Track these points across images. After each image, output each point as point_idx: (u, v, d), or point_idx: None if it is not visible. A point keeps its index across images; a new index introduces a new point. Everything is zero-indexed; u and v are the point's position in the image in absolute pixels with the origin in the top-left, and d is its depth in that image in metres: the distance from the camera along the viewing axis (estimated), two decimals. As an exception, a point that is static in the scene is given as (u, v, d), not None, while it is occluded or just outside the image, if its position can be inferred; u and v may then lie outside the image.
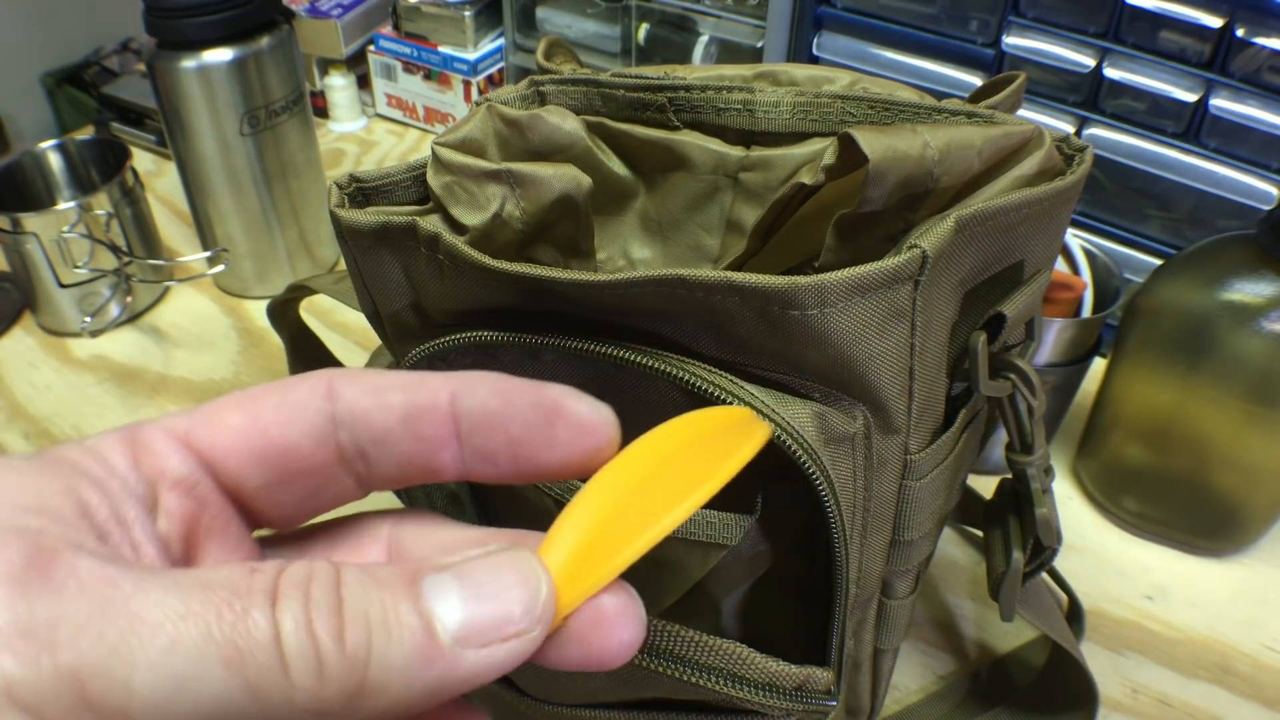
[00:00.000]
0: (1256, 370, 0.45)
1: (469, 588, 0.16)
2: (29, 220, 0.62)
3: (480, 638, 0.15)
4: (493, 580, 0.16)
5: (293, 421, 0.18)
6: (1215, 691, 0.46)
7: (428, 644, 0.15)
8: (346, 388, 0.19)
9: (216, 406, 0.18)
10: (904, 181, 0.29)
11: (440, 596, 0.15)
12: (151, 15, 0.60)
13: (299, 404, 0.18)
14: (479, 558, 0.16)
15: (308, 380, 0.19)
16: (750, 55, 0.75)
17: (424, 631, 0.15)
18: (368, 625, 0.14)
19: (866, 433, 0.29)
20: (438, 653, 0.15)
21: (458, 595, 0.15)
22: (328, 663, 0.14)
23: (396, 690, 0.15)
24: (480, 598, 0.16)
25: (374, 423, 0.18)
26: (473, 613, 0.15)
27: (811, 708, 0.28)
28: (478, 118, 0.35)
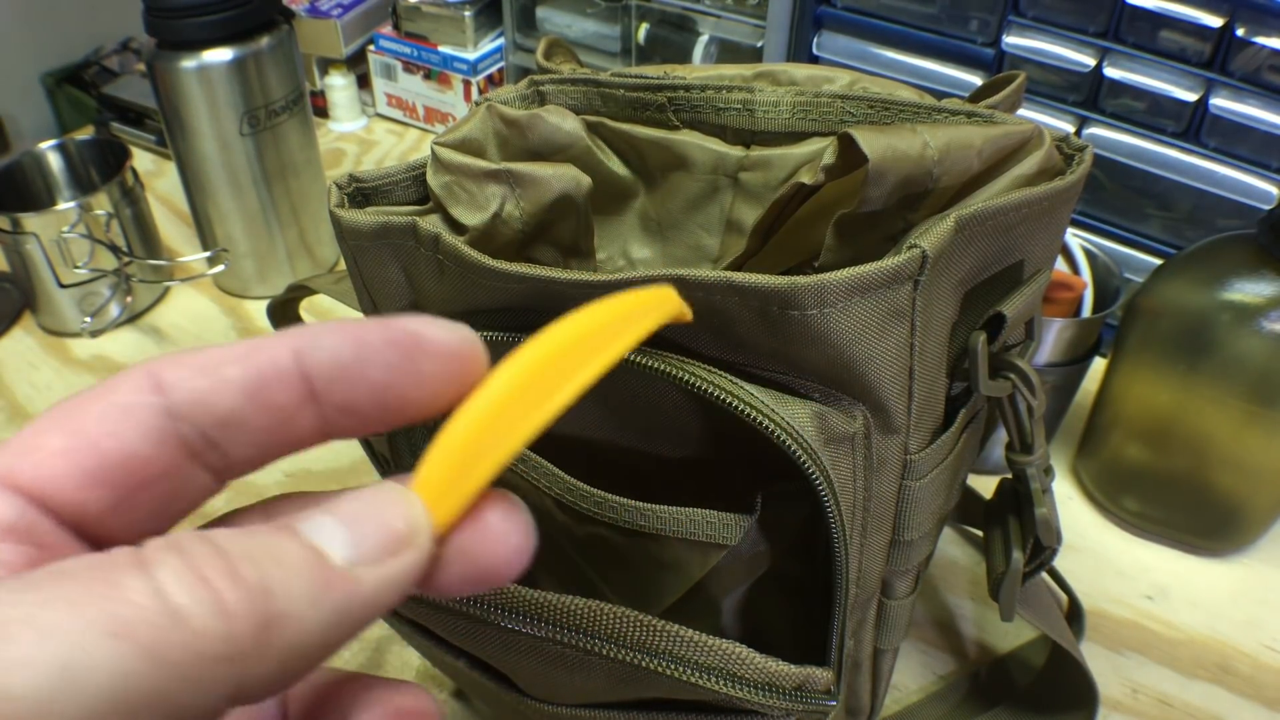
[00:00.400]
0: (1256, 370, 0.45)
1: (344, 518, 0.15)
2: (29, 220, 0.62)
3: (371, 555, 0.15)
4: (364, 507, 0.16)
5: (123, 428, 0.16)
6: (1215, 691, 0.46)
7: (323, 568, 0.14)
8: (173, 373, 0.17)
9: (33, 431, 0.17)
10: (904, 181, 0.29)
11: (321, 529, 0.15)
12: (151, 15, 0.60)
13: (125, 406, 0.17)
14: (345, 495, 0.16)
15: (126, 378, 0.17)
16: (750, 55, 0.75)
17: (315, 558, 0.14)
18: (257, 562, 0.14)
19: (866, 433, 0.29)
20: (336, 575, 0.15)
21: (335, 525, 0.15)
22: (226, 598, 0.13)
23: (305, 619, 0.14)
24: (358, 521, 0.15)
25: (214, 405, 0.17)
26: (356, 534, 0.15)
27: (811, 708, 0.28)
28: (477, 118, 0.35)
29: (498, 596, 0.28)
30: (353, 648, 0.48)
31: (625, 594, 0.33)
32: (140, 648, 0.13)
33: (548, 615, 0.27)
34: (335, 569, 0.15)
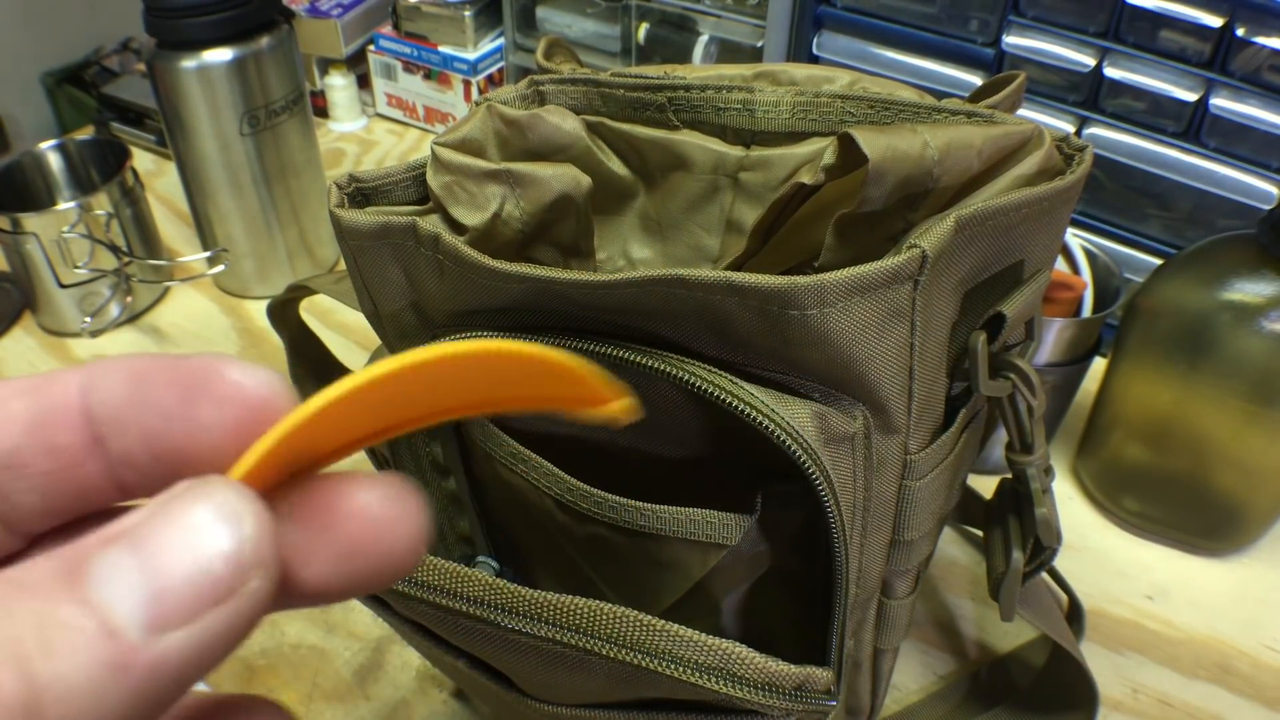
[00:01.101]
0: (1256, 370, 0.45)
1: (145, 554, 0.12)
2: (29, 220, 0.62)
3: (179, 614, 0.12)
4: (173, 534, 0.12)
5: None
6: (1216, 691, 0.46)
7: (111, 648, 0.11)
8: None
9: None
10: (904, 181, 0.29)
11: (112, 579, 0.12)
12: (151, 15, 0.60)
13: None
14: (154, 509, 0.12)
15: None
16: (750, 55, 0.75)
17: (101, 633, 0.11)
18: (17, 653, 0.11)
19: (866, 433, 0.29)
20: (130, 653, 0.11)
21: (134, 570, 0.12)
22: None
23: (92, 714, 0.11)
24: (162, 563, 0.12)
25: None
26: (157, 586, 0.12)
27: (811, 708, 0.28)
28: (477, 118, 0.35)
29: (498, 596, 0.28)
30: (353, 647, 0.48)
31: (625, 594, 0.33)
32: None
33: (548, 615, 0.27)
34: (127, 643, 0.11)
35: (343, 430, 0.14)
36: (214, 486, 0.13)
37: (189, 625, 0.12)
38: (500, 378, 0.15)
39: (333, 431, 0.14)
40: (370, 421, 0.14)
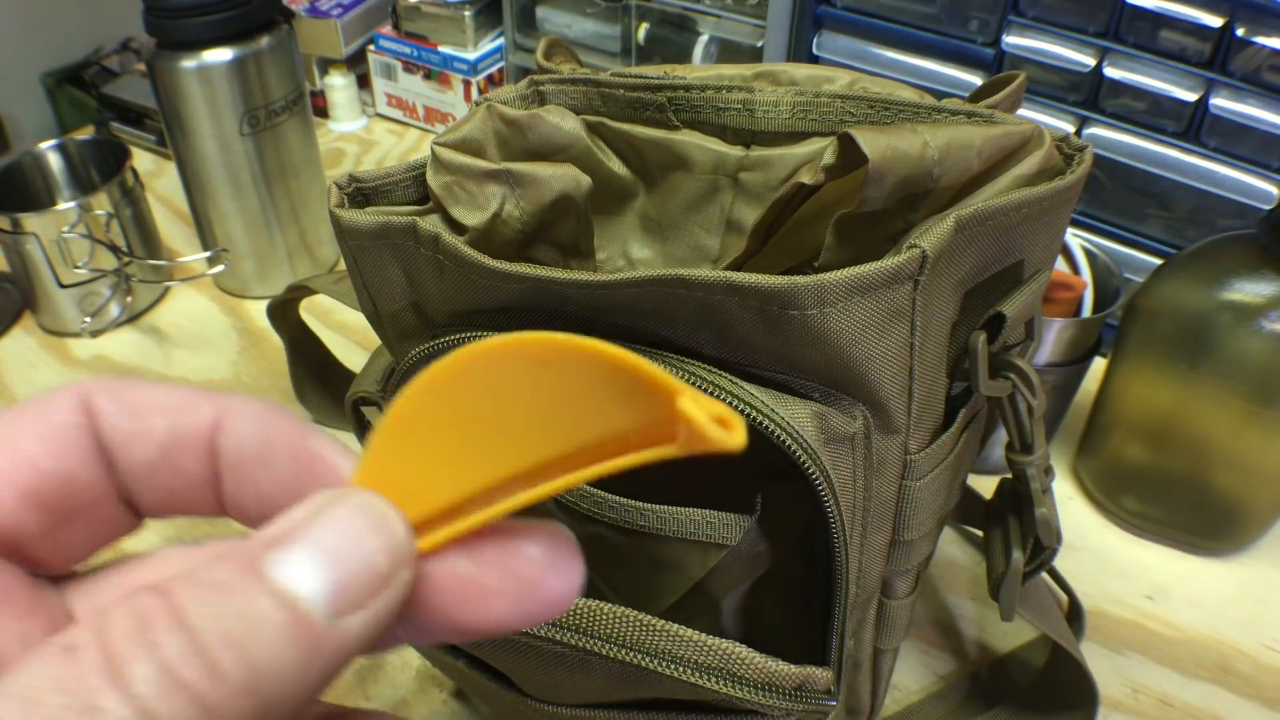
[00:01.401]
0: (1256, 370, 0.45)
1: (319, 551, 0.14)
2: (29, 220, 0.62)
3: (353, 601, 0.14)
4: (342, 533, 0.14)
5: (62, 448, 0.16)
6: (1216, 691, 0.46)
7: (305, 631, 0.13)
8: (105, 404, 0.16)
9: None
10: (904, 181, 0.29)
11: (294, 572, 0.13)
12: (151, 15, 0.60)
13: (62, 426, 0.16)
14: (316, 514, 0.14)
15: (59, 396, 0.16)
16: (750, 55, 0.75)
17: (295, 621, 0.13)
18: (233, 642, 0.12)
19: (866, 433, 0.29)
20: (318, 635, 0.13)
21: (311, 564, 0.14)
22: (213, 704, 0.12)
23: (294, 691, 0.13)
24: (336, 557, 0.14)
25: (133, 452, 0.16)
26: (335, 576, 0.14)
27: (811, 707, 0.28)
28: (477, 118, 0.35)
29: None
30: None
31: (625, 594, 0.33)
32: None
33: (548, 615, 0.27)
34: (316, 627, 0.13)
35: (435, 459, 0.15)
36: (364, 495, 0.15)
37: (362, 610, 0.14)
38: (572, 393, 0.15)
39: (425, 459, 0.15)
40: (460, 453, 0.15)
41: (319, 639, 0.13)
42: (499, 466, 0.15)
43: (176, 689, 0.12)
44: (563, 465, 0.14)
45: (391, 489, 0.15)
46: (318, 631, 0.13)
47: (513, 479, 0.15)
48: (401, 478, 0.15)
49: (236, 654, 0.12)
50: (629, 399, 0.14)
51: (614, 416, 0.14)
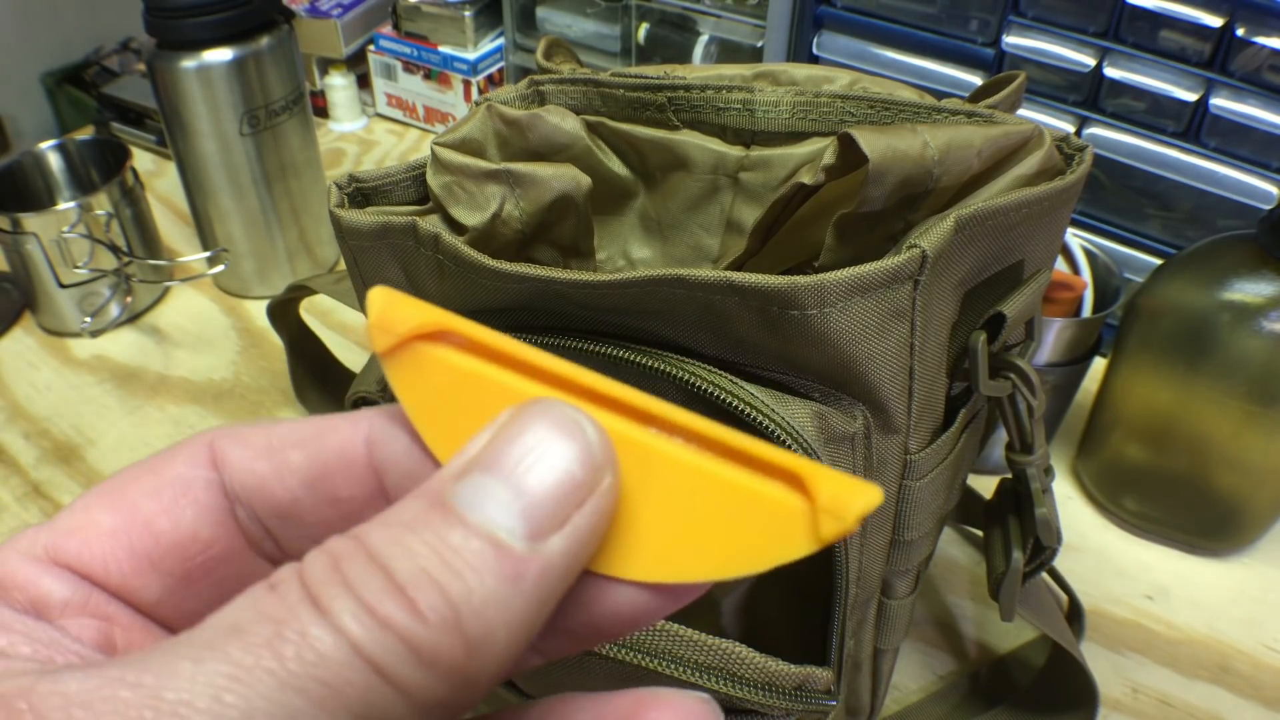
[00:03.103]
0: (1256, 370, 0.45)
1: (507, 471, 0.13)
2: (29, 220, 0.62)
3: (554, 519, 0.12)
4: (529, 450, 0.13)
5: (180, 505, 0.15)
6: (1215, 691, 0.46)
7: (504, 560, 0.12)
8: (232, 450, 0.15)
9: (81, 507, 0.15)
10: (904, 181, 0.29)
11: (483, 501, 0.12)
12: (151, 15, 0.60)
13: (181, 482, 0.15)
14: (499, 434, 0.13)
15: (185, 449, 0.15)
16: (750, 55, 0.75)
17: (492, 550, 0.12)
18: (432, 579, 0.12)
19: (866, 432, 0.29)
20: (521, 563, 0.12)
21: (502, 489, 0.12)
22: (420, 642, 0.11)
23: (505, 628, 0.12)
24: (528, 476, 0.13)
25: (274, 493, 0.15)
26: (530, 497, 0.12)
27: (811, 707, 0.28)
28: (477, 118, 0.35)
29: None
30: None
31: (625, 594, 0.33)
32: (351, 715, 0.11)
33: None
34: (518, 554, 0.12)
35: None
36: (548, 404, 0.13)
37: (563, 529, 0.13)
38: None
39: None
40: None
41: (520, 566, 0.12)
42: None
43: (381, 627, 0.11)
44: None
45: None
46: (518, 558, 0.12)
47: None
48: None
49: (434, 591, 0.12)
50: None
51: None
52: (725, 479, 0.14)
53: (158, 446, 0.59)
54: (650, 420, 0.14)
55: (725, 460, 0.14)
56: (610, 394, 0.14)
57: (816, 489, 0.13)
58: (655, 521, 0.14)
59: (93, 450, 0.59)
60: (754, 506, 0.13)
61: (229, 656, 0.11)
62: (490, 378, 0.14)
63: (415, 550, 0.12)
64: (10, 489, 0.56)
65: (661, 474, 0.14)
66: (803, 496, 0.13)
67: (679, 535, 0.14)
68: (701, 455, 0.14)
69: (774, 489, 0.13)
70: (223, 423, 0.60)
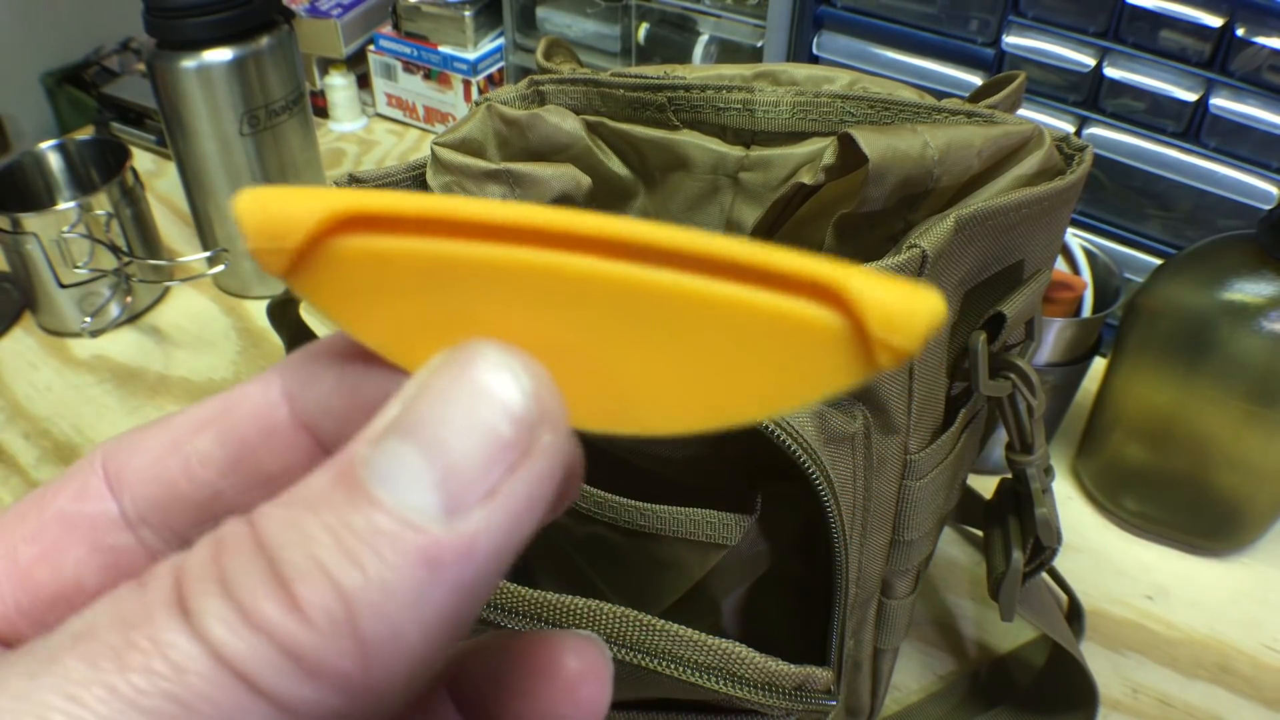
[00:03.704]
0: (1256, 370, 0.45)
1: (421, 436, 0.10)
2: (29, 220, 0.62)
3: (476, 488, 0.10)
4: (445, 406, 0.11)
5: (60, 550, 0.13)
6: (1215, 691, 0.46)
7: (415, 544, 0.10)
8: (129, 462, 0.13)
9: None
10: (904, 181, 0.29)
11: (394, 472, 0.10)
12: (151, 15, 0.60)
13: (62, 520, 0.13)
14: (416, 389, 0.11)
15: (72, 477, 0.13)
16: (750, 55, 0.75)
17: (401, 531, 0.10)
18: (323, 570, 0.10)
19: (866, 432, 0.29)
20: (435, 545, 0.10)
21: (415, 455, 0.10)
22: (302, 649, 0.10)
23: (419, 627, 0.10)
24: (442, 439, 0.10)
25: (187, 494, 0.13)
26: (446, 464, 0.10)
27: (811, 707, 0.28)
28: (477, 117, 0.35)
29: (498, 596, 0.28)
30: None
31: (625, 594, 0.33)
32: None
33: (548, 615, 0.27)
34: (434, 534, 0.10)
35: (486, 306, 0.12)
36: (476, 349, 0.11)
37: (489, 500, 0.10)
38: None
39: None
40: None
41: (435, 549, 0.10)
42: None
43: (252, 630, 0.10)
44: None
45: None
46: (433, 540, 0.10)
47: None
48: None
49: (323, 584, 0.10)
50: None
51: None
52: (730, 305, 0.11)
53: (158, 446, 0.59)
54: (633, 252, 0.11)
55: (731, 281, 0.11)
56: (577, 231, 0.11)
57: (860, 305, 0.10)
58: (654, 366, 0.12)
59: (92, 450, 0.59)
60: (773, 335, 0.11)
61: (66, 670, 0.09)
62: (436, 255, 0.11)
63: (310, 534, 0.10)
64: (10, 489, 0.56)
65: (653, 312, 0.11)
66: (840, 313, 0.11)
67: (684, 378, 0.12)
68: (699, 280, 0.11)
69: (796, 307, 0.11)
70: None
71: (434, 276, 0.12)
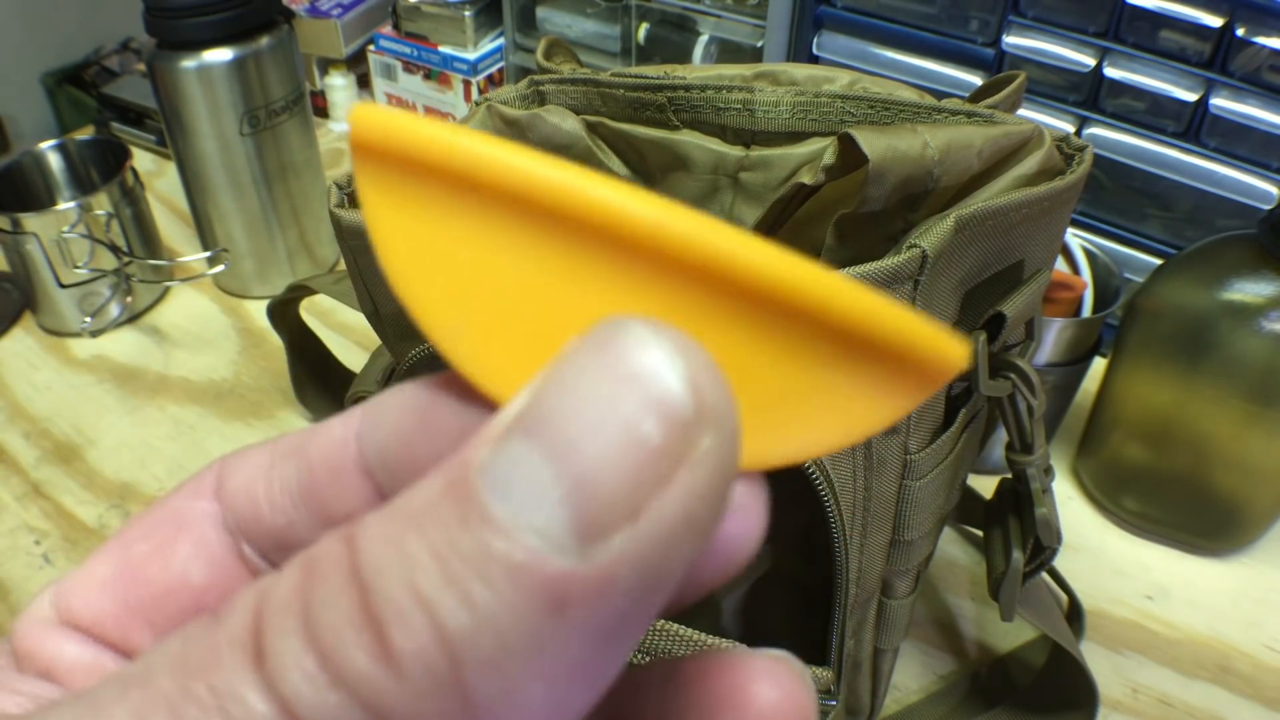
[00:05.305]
0: (1256, 370, 0.45)
1: (551, 438, 0.08)
2: (29, 220, 0.62)
3: (618, 509, 0.08)
4: (581, 398, 0.08)
5: (170, 547, 0.12)
6: (1215, 691, 0.46)
7: (540, 575, 0.08)
8: (236, 472, 0.13)
9: (94, 555, 0.13)
10: (904, 181, 0.29)
11: (516, 483, 0.08)
12: (151, 15, 0.60)
13: (175, 518, 0.12)
14: (546, 381, 0.09)
15: (194, 477, 0.13)
16: (750, 55, 0.75)
17: (519, 559, 0.08)
18: (424, 605, 0.08)
19: (866, 432, 0.29)
20: (561, 581, 0.08)
21: (543, 464, 0.08)
22: (393, 708, 0.08)
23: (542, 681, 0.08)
24: (575, 440, 0.08)
25: (267, 520, 0.12)
26: (579, 474, 0.08)
27: (811, 708, 0.28)
28: (477, 118, 0.35)
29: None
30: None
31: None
32: None
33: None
34: (563, 570, 0.08)
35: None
36: (620, 323, 0.09)
37: (632, 522, 0.08)
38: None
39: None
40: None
41: (562, 584, 0.08)
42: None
43: (333, 682, 0.08)
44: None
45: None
46: (560, 572, 0.08)
47: None
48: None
49: (422, 625, 0.08)
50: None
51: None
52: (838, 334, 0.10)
53: (158, 446, 0.59)
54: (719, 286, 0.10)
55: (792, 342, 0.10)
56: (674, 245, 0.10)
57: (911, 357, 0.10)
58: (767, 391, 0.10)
59: (93, 450, 0.59)
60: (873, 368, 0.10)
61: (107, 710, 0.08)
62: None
63: (412, 558, 0.08)
64: (10, 489, 0.56)
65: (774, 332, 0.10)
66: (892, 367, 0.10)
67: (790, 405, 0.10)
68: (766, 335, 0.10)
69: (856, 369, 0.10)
70: (222, 423, 0.61)
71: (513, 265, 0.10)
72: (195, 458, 0.58)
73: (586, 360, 0.09)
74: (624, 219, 0.09)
